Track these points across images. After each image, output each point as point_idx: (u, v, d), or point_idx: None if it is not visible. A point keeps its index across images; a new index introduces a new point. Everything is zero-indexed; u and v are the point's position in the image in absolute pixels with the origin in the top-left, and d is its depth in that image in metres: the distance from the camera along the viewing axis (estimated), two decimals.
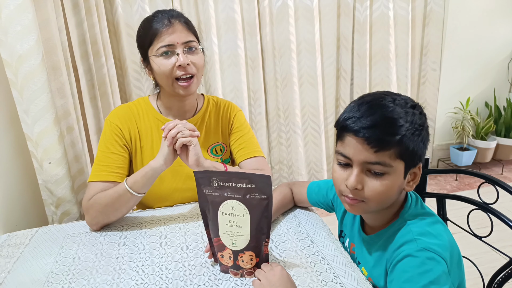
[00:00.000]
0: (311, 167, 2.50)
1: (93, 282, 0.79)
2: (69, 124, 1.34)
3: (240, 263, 0.77)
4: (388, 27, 2.32)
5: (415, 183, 0.72)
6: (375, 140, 0.64)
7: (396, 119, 0.64)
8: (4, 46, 1.06)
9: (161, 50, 0.98)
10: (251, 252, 0.76)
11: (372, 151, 0.65)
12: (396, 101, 0.67)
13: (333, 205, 0.96)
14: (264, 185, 0.73)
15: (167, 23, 0.97)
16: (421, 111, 0.70)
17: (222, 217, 0.76)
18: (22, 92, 1.10)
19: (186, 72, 0.99)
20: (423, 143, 0.68)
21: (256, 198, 0.74)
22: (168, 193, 1.10)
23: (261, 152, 1.16)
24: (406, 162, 0.67)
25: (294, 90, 2.28)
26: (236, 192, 0.74)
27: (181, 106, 1.10)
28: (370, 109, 0.66)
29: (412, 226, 0.69)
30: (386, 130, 0.64)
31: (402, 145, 0.64)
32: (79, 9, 1.49)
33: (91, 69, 1.58)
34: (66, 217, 1.26)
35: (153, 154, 1.08)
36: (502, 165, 2.82)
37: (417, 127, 0.66)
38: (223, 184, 0.75)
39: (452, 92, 2.75)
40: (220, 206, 0.76)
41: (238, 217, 0.75)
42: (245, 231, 0.75)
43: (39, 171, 1.18)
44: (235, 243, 0.76)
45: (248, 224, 0.75)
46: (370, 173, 0.67)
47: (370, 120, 0.65)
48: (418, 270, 0.63)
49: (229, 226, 0.76)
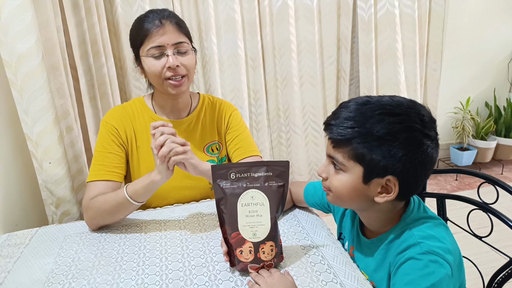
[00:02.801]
0: (312, 167, 2.50)
1: (93, 282, 0.79)
2: (69, 124, 1.34)
3: (261, 255, 0.76)
4: (394, 26, 2.30)
5: (389, 197, 0.67)
6: (331, 137, 0.70)
7: (346, 120, 0.67)
8: (4, 46, 1.06)
9: (151, 51, 0.98)
10: (271, 242, 0.76)
11: (331, 146, 0.71)
12: (371, 103, 0.67)
13: (329, 207, 0.96)
14: (282, 172, 0.78)
15: (158, 23, 0.97)
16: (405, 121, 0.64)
17: (241, 208, 0.77)
18: (21, 92, 1.10)
19: (176, 73, 0.99)
20: (393, 155, 0.63)
21: (274, 185, 0.77)
22: (165, 191, 1.10)
23: (257, 151, 1.17)
24: (364, 167, 0.67)
25: (294, 90, 2.28)
26: (255, 181, 0.77)
27: (175, 104, 1.10)
28: (339, 108, 0.71)
29: (414, 230, 0.69)
30: (337, 128, 0.68)
31: (354, 147, 0.66)
32: (79, 9, 1.49)
33: (90, 69, 1.58)
34: (66, 217, 1.26)
35: (149, 154, 1.09)
36: (502, 165, 2.82)
37: (378, 136, 0.63)
38: (241, 176, 0.77)
39: (452, 92, 2.75)
40: (239, 197, 0.77)
41: (258, 206, 0.76)
42: (265, 220, 0.76)
43: (39, 171, 1.18)
44: (255, 234, 0.76)
45: (269, 212, 0.76)
46: (334, 167, 0.72)
47: (332, 118, 0.70)
48: (421, 272, 0.62)
49: (249, 217, 0.76)
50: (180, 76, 1.00)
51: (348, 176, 0.70)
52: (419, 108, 0.67)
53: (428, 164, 0.67)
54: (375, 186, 0.68)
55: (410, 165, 0.65)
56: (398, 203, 0.74)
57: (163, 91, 1.04)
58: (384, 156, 0.64)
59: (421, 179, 0.69)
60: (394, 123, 0.64)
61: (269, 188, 0.77)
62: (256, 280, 0.73)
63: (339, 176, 0.71)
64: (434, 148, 0.67)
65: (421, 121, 0.65)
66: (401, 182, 0.66)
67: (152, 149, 0.90)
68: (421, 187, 0.72)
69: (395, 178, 0.66)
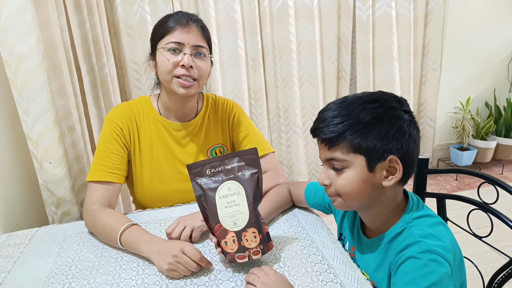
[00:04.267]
0: (312, 167, 2.50)
1: (93, 282, 0.79)
2: (70, 124, 1.34)
3: (245, 243, 0.78)
4: (391, 26, 2.31)
5: (396, 178, 0.70)
6: (324, 139, 0.71)
7: (333, 118, 0.70)
8: (4, 46, 1.06)
9: (170, 45, 0.98)
10: (253, 229, 0.79)
11: (326, 149, 0.72)
12: (349, 100, 0.72)
13: (330, 208, 0.96)
14: (252, 159, 0.82)
15: (185, 22, 0.99)
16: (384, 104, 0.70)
17: (220, 200, 0.80)
18: (22, 92, 1.10)
19: (189, 74, 0.99)
20: (385, 136, 0.68)
21: (247, 173, 0.82)
22: (169, 194, 1.10)
23: (269, 147, 1.16)
24: (366, 156, 0.69)
25: (294, 90, 2.28)
26: (229, 173, 0.81)
27: (180, 108, 1.09)
28: (321, 112, 0.73)
29: (414, 229, 0.69)
30: (328, 128, 0.70)
31: (349, 140, 0.68)
32: (80, 8, 1.49)
33: (93, 69, 1.58)
34: (66, 217, 1.26)
35: (152, 155, 1.08)
36: (502, 165, 2.82)
37: (368, 120, 0.68)
38: (216, 170, 0.81)
39: (452, 92, 2.75)
40: (216, 191, 0.81)
41: (235, 196, 0.80)
42: (243, 208, 0.80)
43: (39, 171, 1.18)
44: (236, 223, 0.79)
45: (245, 200, 0.80)
46: (334, 169, 0.72)
47: (319, 122, 0.72)
48: (420, 272, 0.62)
49: (228, 207, 0.80)
50: (191, 79, 1.00)
51: (352, 171, 0.70)
52: (390, 93, 0.74)
53: (417, 138, 0.72)
54: (380, 171, 0.70)
55: (403, 140, 0.69)
56: (399, 189, 0.75)
57: (170, 91, 1.02)
58: (378, 139, 0.68)
59: (415, 154, 0.73)
60: (376, 107, 0.69)
61: (243, 177, 0.82)
62: (251, 281, 0.73)
63: (343, 175, 0.71)
64: (415, 123, 0.72)
65: (398, 101, 0.72)
66: (401, 158, 0.69)
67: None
68: (416, 164, 0.75)
69: (395, 156, 0.69)
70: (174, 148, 1.10)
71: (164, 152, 1.09)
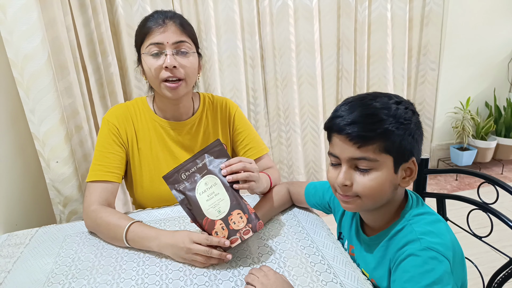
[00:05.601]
0: (310, 167, 2.51)
1: (93, 282, 0.79)
2: (77, 123, 1.34)
3: (233, 226, 0.81)
4: (386, 28, 2.34)
5: (412, 179, 0.72)
6: (356, 136, 0.67)
7: (375, 114, 0.67)
8: (10, 45, 1.06)
9: (149, 48, 0.97)
10: (237, 210, 0.82)
11: (356, 147, 0.68)
12: (378, 98, 0.70)
13: (330, 207, 0.96)
14: (219, 151, 0.86)
15: (161, 22, 0.97)
16: (408, 106, 0.70)
17: (200, 197, 0.83)
18: (28, 91, 1.10)
19: (173, 75, 0.96)
20: (412, 137, 0.69)
21: (218, 163, 0.86)
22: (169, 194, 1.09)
23: (266, 147, 1.19)
24: (394, 156, 0.68)
25: (294, 90, 2.28)
26: (202, 170, 0.85)
27: (176, 109, 1.09)
28: (350, 108, 0.70)
29: (414, 226, 0.69)
30: (366, 125, 0.67)
31: (386, 139, 0.67)
32: (85, 8, 1.49)
33: (99, 68, 1.58)
34: (73, 216, 1.26)
35: (152, 156, 1.08)
36: (502, 165, 2.82)
37: (402, 121, 0.67)
38: (190, 172, 0.85)
39: (452, 92, 2.75)
40: (195, 190, 0.84)
41: (213, 188, 0.84)
42: (223, 195, 0.83)
43: (46, 170, 1.18)
44: (220, 210, 0.82)
45: (223, 187, 0.84)
46: (358, 169, 0.69)
47: (350, 117, 0.68)
48: (420, 269, 0.62)
49: (209, 200, 0.83)
50: (177, 79, 0.97)
51: (380, 172, 0.68)
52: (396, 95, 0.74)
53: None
54: (401, 172, 0.71)
55: (420, 143, 0.72)
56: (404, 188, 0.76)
57: (161, 94, 1.02)
58: (409, 141, 0.68)
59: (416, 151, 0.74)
60: (405, 108, 0.69)
61: (215, 169, 0.85)
62: (250, 282, 0.72)
63: (370, 176, 0.68)
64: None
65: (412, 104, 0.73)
66: (417, 159, 0.72)
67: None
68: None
69: (413, 157, 0.71)
70: (173, 148, 1.10)
71: (163, 152, 1.09)
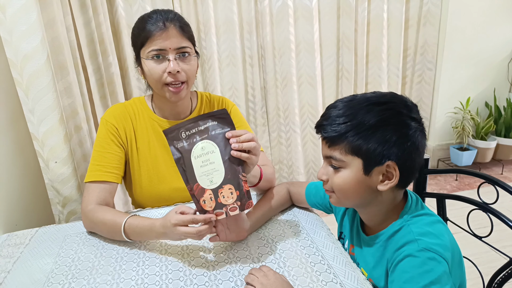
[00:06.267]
0: (310, 167, 2.51)
1: (93, 282, 0.79)
2: (77, 123, 1.34)
3: (222, 199, 0.80)
4: (382, 29, 2.36)
5: (392, 183, 0.69)
6: (326, 137, 0.72)
7: (337, 117, 0.69)
8: (9, 45, 1.06)
9: (152, 53, 0.96)
10: (229, 185, 0.81)
11: (327, 147, 0.72)
12: (356, 99, 0.71)
13: (331, 207, 0.96)
14: (224, 121, 0.83)
15: (162, 26, 0.95)
16: (393, 107, 0.68)
17: (195, 161, 0.81)
18: (27, 91, 1.10)
19: (176, 79, 0.97)
20: (386, 141, 0.67)
21: (221, 132, 0.82)
22: (168, 193, 1.10)
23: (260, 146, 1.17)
24: (363, 159, 0.69)
25: (293, 90, 2.28)
26: (202, 134, 0.82)
27: (174, 107, 1.09)
28: (331, 107, 0.73)
29: (412, 227, 0.69)
30: (331, 127, 0.70)
31: (349, 142, 0.68)
32: (86, 8, 1.49)
33: (100, 68, 1.58)
34: (72, 216, 1.26)
35: (150, 155, 1.08)
36: (502, 165, 2.82)
37: (370, 125, 0.67)
38: (190, 132, 0.82)
39: (452, 92, 2.75)
40: (191, 152, 0.82)
41: (209, 155, 0.81)
42: (218, 166, 0.81)
43: (45, 170, 1.18)
44: (212, 180, 0.81)
45: (220, 157, 0.81)
46: (332, 166, 0.73)
47: (325, 117, 0.72)
48: (419, 270, 0.62)
49: (203, 167, 0.81)
50: (180, 83, 0.99)
51: (348, 172, 0.71)
52: (401, 97, 0.72)
53: (421, 146, 0.70)
54: (376, 175, 0.70)
55: (405, 147, 0.68)
56: (398, 192, 0.74)
57: (162, 95, 1.03)
58: (379, 143, 0.67)
59: (417, 162, 0.71)
60: (383, 110, 0.68)
61: (217, 136, 0.82)
62: (250, 282, 0.72)
63: (339, 174, 0.72)
64: (422, 131, 0.71)
65: (406, 107, 0.70)
66: (400, 165, 0.69)
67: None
68: (418, 171, 0.74)
69: (394, 162, 0.68)
70: None
71: (161, 151, 1.10)
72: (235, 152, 0.81)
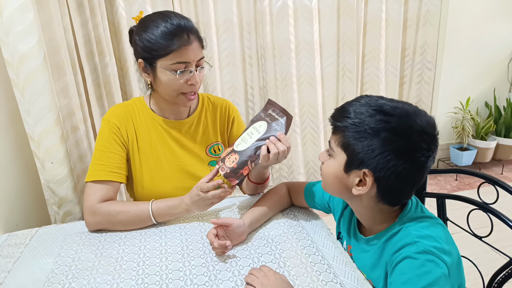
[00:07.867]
0: (310, 167, 2.51)
1: (93, 282, 0.79)
2: (74, 123, 1.34)
3: (227, 158, 0.95)
4: (380, 29, 2.36)
5: (363, 191, 0.69)
6: (331, 124, 0.75)
7: (346, 109, 0.72)
8: (6, 46, 1.06)
9: (176, 66, 0.95)
10: (237, 155, 0.94)
11: (331, 132, 0.76)
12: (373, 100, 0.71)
13: (330, 207, 0.96)
14: (287, 125, 0.96)
15: (186, 39, 0.94)
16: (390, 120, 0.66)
17: (250, 128, 0.98)
18: (23, 92, 1.10)
19: (195, 89, 1.01)
20: (370, 150, 0.66)
21: (276, 128, 0.95)
22: (170, 193, 1.10)
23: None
24: (347, 156, 0.71)
25: (293, 90, 2.28)
26: (272, 120, 0.97)
27: (175, 107, 1.10)
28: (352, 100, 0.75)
29: (411, 229, 0.69)
30: (338, 117, 0.73)
31: (344, 135, 0.71)
32: (83, 8, 1.49)
33: (96, 69, 1.58)
34: (68, 216, 1.26)
35: (152, 154, 1.09)
36: (502, 165, 2.82)
37: (364, 128, 0.67)
38: (272, 113, 0.98)
39: (452, 92, 2.75)
40: (255, 122, 0.98)
41: (255, 130, 0.97)
42: (250, 142, 0.95)
43: (41, 171, 1.18)
44: (238, 146, 0.96)
45: (256, 139, 0.95)
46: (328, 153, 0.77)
47: (341, 107, 0.75)
48: (417, 272, 0.62)
49: (246, 133, 0.97)
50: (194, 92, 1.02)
51: (334, 162, 0.74)
52: (416, 118, 0.66)
53: (415, 168, 0.67)
54: (353, 177, 0.71)
55: (388, 165, 0.66)
56: (384, 206, 0.73)
57: (171, 101, 1.04)
58: (363, 149, 0.68)
59: (406, 186, 0.69)
60: (382, 121, 0.66)
61: (272, 128, 0.95)
62: (250, 282, 0.72)
63: (328, 161, 0.76)
64: (420, 164, 0.67)
65: (409, 129, 0.65)
66: (377, 180, 0.68)
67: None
68: (410, 195, 0.72)
69: (370, 172, 0.68)
70: (173, 146, 1.11)
71: (163, 151, 1.10)
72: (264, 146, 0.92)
